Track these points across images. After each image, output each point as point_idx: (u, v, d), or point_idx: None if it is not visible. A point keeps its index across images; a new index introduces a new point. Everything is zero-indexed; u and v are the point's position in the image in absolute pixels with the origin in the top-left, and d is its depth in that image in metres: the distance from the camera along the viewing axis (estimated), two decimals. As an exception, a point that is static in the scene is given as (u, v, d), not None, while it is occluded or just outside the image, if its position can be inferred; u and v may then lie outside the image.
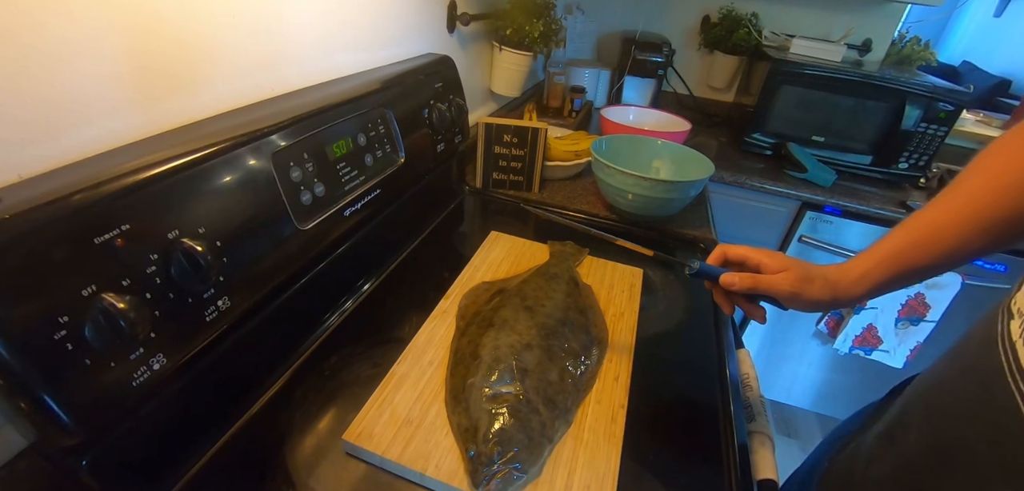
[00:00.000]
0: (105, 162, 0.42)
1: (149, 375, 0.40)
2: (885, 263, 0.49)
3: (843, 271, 0.51)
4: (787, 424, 1.85)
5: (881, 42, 1.65)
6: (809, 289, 0.50)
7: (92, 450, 0.39)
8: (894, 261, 0.49)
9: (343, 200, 0.62)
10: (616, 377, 0.59)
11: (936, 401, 0.43)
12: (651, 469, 0.51)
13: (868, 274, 0.50)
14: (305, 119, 0.57)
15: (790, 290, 0.50)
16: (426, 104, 0.81)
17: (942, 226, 0.47)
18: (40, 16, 0.38)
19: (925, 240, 0.48)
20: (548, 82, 1.54)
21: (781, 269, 0.52)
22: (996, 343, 0.37)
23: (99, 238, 0.36)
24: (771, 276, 0.52)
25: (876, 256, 0.50)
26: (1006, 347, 0.36)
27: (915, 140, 1.35)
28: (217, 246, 0.45)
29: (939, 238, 0.47)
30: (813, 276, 0.51)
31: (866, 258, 0.50)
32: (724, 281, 0.54)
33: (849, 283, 0.50)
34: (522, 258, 0.80)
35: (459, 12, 1.05)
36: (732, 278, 0.53)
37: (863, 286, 0.50)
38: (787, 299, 0.51)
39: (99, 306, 0.36)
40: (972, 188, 0.47)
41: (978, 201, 0.45)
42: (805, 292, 0.50)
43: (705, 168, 0.96)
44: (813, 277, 0.51)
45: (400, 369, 0.57)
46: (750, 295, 0.54)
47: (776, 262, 0.52)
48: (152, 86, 0.49)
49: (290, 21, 0.64)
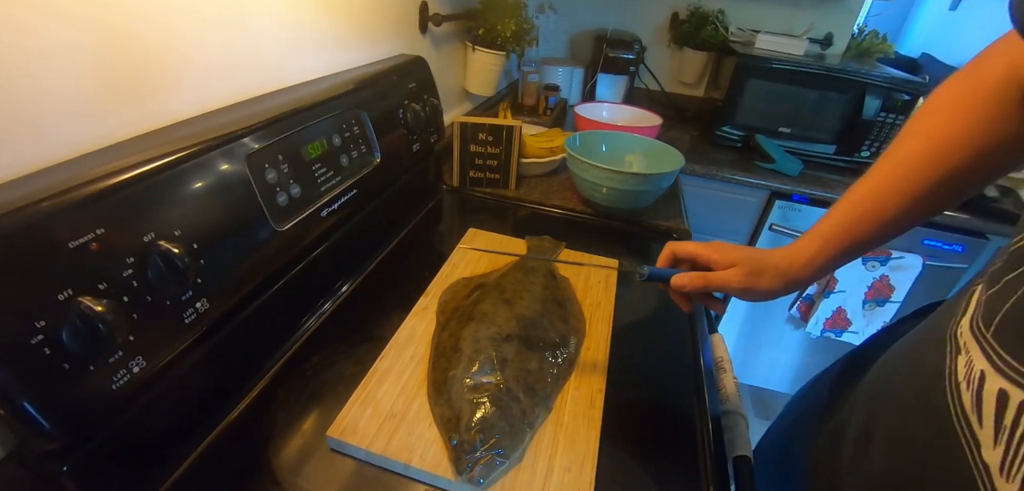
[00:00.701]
0: (77, 167, 0.42)
1: (129, 378, 0.40)
2: (832, 242, 0.50)
3: (792, 256, 0.51)
4: (766, 407, 1.90)
5: (842, 36, 1.71)
6: (760, 281, 0.51)
7: (72, 456, 0.39)
8: (840, 238, 0.50)
9: (320, 201, 0.62)
10: (594, 364, 0.61)
11: (897, 431, 0.40)
12: (629, 450, 0.53)
13: (816, 256, 0.50)
14: (279, 121, 0.57)
15: (740, 285, 0.51)
16: (400, 104, 0.82)
17: (884, 195, 0.48)
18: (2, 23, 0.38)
19: (869, 212, 0.48)
20: (522, 81, 1.56)
21: (730, 264, 0.52)
22: (944, 378, 0.35)
23: (74, 243, 0.36)
24: (721, 273, 0.52)
25: (823, 236, 0.50)
26: (952, 387, 0.34)
27: (875, 129, 1.41)
28: (194, 248, 0.45)
29: (882, 208, 0.48)
30: (763, 267, 0.51)
31: (813, 240, 0.51)
32: (675, 283, 0.54)
33: (799, 268, 0.51)
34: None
35: (431, 13, 1.06)
36: (682, 280, 0.53)
37: (812, 268, 0.51)
38: (739, 293, 0.52)
39: (76, 310, 0.35)
40: (910, 151, 0.47)
41: (917, 165, 0.46)
42: (756, 284, 0.51)
43: (676, 161, 0.99)
44: (763, 268, 0.51)
45: (382, 365, 0.58)
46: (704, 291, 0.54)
47: (725, 257, 0.53)
48: (120, 92, 0.48)
49: (260, 24, 0.64)
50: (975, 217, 1.32)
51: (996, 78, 0.44)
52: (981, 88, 0.44)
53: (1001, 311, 0.32)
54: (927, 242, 1.39)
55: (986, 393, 0.31)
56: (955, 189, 0.46)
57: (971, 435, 0.32)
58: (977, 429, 0.31)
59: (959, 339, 0.36)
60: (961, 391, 0.33)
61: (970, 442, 0.32)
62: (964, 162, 0.45)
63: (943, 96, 0.47)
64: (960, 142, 0.45)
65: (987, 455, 0.30)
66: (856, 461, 0.45)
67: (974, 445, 0.31)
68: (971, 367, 0.33)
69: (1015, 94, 0.43)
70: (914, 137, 0.48)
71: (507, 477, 0.47)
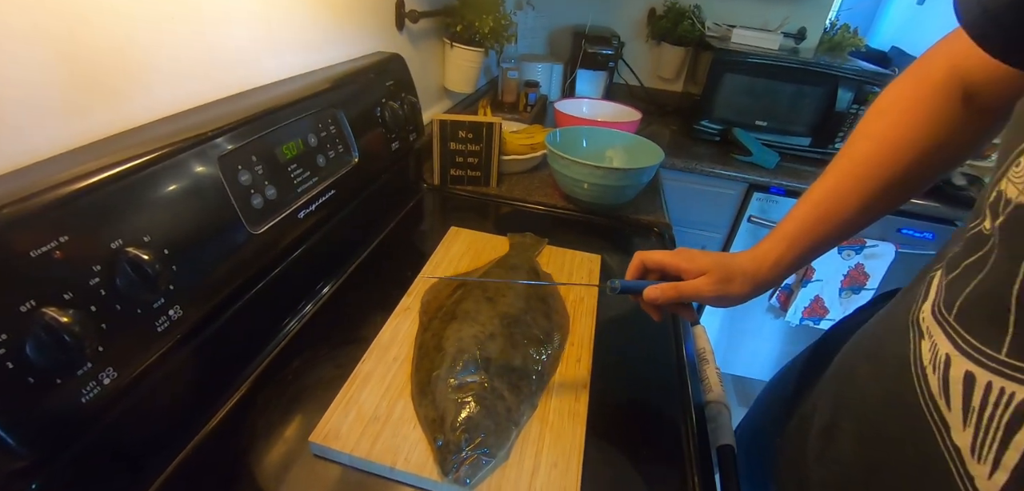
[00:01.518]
0: (39, 172, 0.40)
1: (99, 391, 0.39)
2: (797, 243, 0.51)
3: (758, 261, 0.52)
4: (748, 396, 1.93)
5: (815, 30, 1.74)
6: (730, 288, 0.52)
7: (41, 473, 0.38)
8: (804, 239, 0.51)
9: (296, 202, 0.61)
10: (578, 359, 0.61)
11: (865, 421, 0.41)
12: (615, 443, 0.53)
13: (782, 258, 0.52)
14: (252, 121, 0.56)
15: (713, 293, 0.52)
16: (378, 103, 0.81)
17: (842, 194, 0.49)
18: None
19: (829, 212, 0.50)
20: (502, 77, 1.55)
21: (700, 273, 0.53)
22: (909, 365, 0.36)
23: (36, 251, 0.35)
24: (693, 283, 0.53)
25: (787, 237, 0.52)
26: (918, 373, 0.35)
27: (848, 120, 1.44)
28: (165, 254, 0.44)
29: (842, 207, 0.49)
30: (732, 274, 0.52)
31: (778, 242, 0.52)
32: (648, 296, 0.55)
33: (766, 271, 0.52)
34: (483, 251, 0.81)
35: (407, 9, 1.05)
36: (655, 293, 0.54)
37: (779, 270, 0.52)
38: (712, 302, 0.53)
39: (40, 321, 0.34)
40: (863, 151, 0.49)
41: (870, 166, 0.48)
42: (728, 291, 0.52)
43: (656, 155, 1.00)
44: (733, 274, 0.52)
45: (365, 368, 0.57)
46: None
47: (694, 265, 0.53)
48: (84, 92, 0.47)
49: (231, 21, 0.62)
50: (944, 205, 1.35)
51: (939, 80, 0.45)
52: (925, 89, 0.46)
53: (962, 294, 0.32)
54: (902, 231, 1.42)
55: (953, 377, 0.31)
56: (908, 185, 0.48)
57: (940, 419, 0.32)
58: (945, 413, 0.31)
59: (922, 324, 0.36)
60: (927, 376, 0.34)
61: (939, 426, 0.32)
62: (913, 161, 0.47)
63: (892, 97, 0.49)
64: (908, 143, 0.47)
65: (957, 438, 0.30)
66: (824, 452, 0.45)
67: (943, 429, 0.32)
68: (936, 351, 0.33)
69: (957, 93, 0.44)
70: (866, 139, 0.49)
71: (494, 476, 0.47)
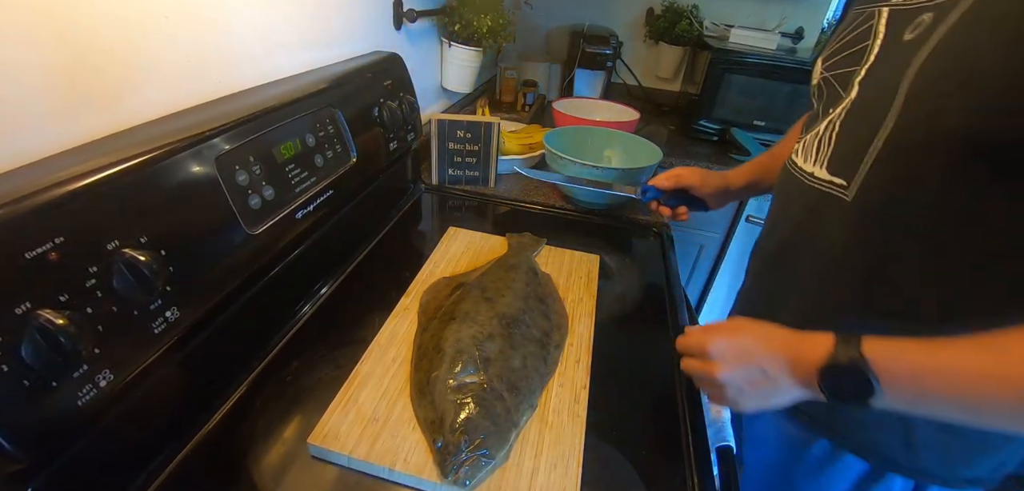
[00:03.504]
0: (34, 172, 0.40)
1: (96, 393, 0.38)
2: (752, 173, 0.82)
3: (731, 175, 0.83)
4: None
5: (812, 30, 1.74)
6: (708, 178, 0.81)
7: (38, 476, 0.37)
8: (754, 174, 0.82)
9: (294, 202, 0.61)
10: (577, 360, 0.61)
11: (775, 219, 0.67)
12: (615, 443, 0.53)
13: (740, 174, 0.83)
14: (249, 121, 0.55)
15: (697, 179, 0.80)
16: (376, 102, 0.81)
17: (772, 167, 0.77)
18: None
19: (767, 170, 0.80)
20: (500, 77, 1.55)
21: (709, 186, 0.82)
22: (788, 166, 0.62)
23: (30, 253, 0.34)
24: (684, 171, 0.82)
25: (747, 169, 0.83)
26: (790, 164, 0.61)
27: (846, 119, 1.44)
28: (162, 255, 0.43)
29: (771, 170, 0.76)
30: (712, 175, 0.82)
31: (742, 170, 0.83)
32: (652, 181, 0.83)
33: (732, 178, 0.83)
34: (481, 252, 0.81)
35: (405, 8, 1.04)
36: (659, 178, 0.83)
37: (740, 180, 0.82)
38: (697, 188, 0.81)
39: (35, 324, 0.34)
40: (761, 160, 0.82)
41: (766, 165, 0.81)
42: (706, 180, 0.81)
43: (654, 155, 1.00)
44: (712, 175, 0.81)
45: (363, 368, 0.56)
46: (675, 201, 0.83)
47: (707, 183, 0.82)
48: (80, 92, 0.46)
49: (228, 21, 0.62)
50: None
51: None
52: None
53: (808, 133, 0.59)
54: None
55: (804, 142, 0.59)
56: None
57: (794, 165, 0.59)
58: (797, 159, 0.59)
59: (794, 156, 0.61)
60: (794, 157, 0.60)
61: (794, 167, 0.59)
62: None
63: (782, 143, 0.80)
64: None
65: (800, 162, 0.58)
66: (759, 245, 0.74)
67: (796, 167, 0.58)
68: (796, 152, 0.60)
69: None
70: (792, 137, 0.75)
71: (493, 477, 0.47)
